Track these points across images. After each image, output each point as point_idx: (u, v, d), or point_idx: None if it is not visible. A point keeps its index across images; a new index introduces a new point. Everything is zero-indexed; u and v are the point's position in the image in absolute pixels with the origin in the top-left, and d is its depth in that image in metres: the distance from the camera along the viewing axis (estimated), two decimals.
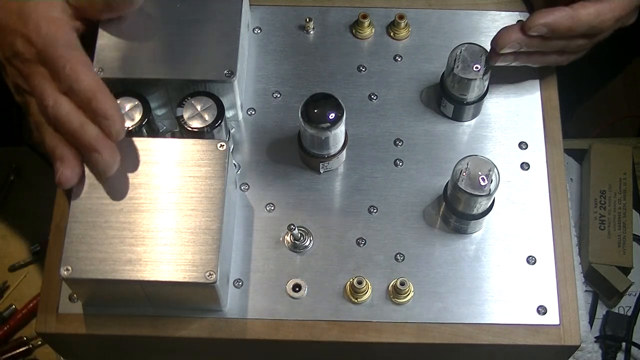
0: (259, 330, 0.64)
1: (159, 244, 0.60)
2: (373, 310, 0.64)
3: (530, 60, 0.70)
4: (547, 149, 0.70)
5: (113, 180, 0.62)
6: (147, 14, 0.68)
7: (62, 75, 0.60)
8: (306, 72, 0.73)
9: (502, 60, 0.68)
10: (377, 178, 0.69)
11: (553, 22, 0.66)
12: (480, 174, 0.63)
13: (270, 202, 0.68)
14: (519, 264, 0.66)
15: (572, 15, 0.66)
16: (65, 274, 0.59)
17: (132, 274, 0.59)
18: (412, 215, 0.67)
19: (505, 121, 0.71)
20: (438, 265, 0.66)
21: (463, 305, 0.64)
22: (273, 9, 0.76)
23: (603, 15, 0.66)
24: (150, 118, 0.66)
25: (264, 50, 0.74)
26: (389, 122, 0.71)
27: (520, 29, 0.66)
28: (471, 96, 0.69)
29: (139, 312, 0.64)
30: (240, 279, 0.65)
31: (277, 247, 0.66)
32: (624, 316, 0.93)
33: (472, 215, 0.65)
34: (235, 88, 0.67)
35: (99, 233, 0.60)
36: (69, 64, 0.60)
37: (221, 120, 0.65)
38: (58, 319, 0.64)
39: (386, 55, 0.74)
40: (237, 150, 0.70)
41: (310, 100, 0.64)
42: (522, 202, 0.68)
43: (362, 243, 0.66)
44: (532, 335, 0.64)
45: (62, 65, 0.60)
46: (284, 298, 0.65)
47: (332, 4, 0.76)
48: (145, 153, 0.63)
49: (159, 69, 0.66)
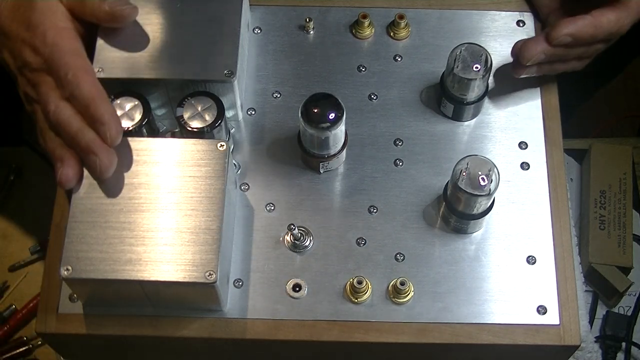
0: (259, 330, 0.64)
1: (159, 244, 0.60)
2: (373, 310, 0.64)
3: (552, 69, 0.71)
4: (547, 149, 0.70)
5: (113, 180, 0.62)
6: (147, 14, 0.68)
7: (64, 82, 0.62)
8: (306, 72, 0.73)
9: (527, 72, 0.69)
10: (377, 178, 0.69)
11: (577, 32, 0.67)
12: (480, 174, 0.63)
13: (270, 202, 0.68)
14: (519, 264, 0.66)
15: (595, 24, 0.67)
16: (65, 274, 0.59)
17: (132, 273, 0.59)
18: (412, 215, 0.67)
19: (505, 121, 0.71)
20: (438, 265, 0.66)
21: (463, 305, 0.64)
22: (273, 9, 0.76)
23: (622, 20, 0.68)
24: (150, 118, 0.66)
25: (264, 50, 0.74)
26: (389, 122, 0.71)
27: (544, 40, 0.67)
28: (471, 96, 0.69)
29: (139, 312, 0.64)
30: (240, 279, 0.65)
31: (277, 247, 0.66)
32: (624, 316, 0.93)
33: (472, 215, 0.65)
34: (235, 88, 0.67)
35: (99, 233, 0.60)
36: (71, 70, 0.62)
37: (221, 120, 0.65)
38: (58, 319, 0.64)
39: (386, 55, 0.74)
40: (237, 150, 0.70)
41: (310, 100, 0.64)
42: (522, 202, 0.68)
43: (362, 243, 0.66)
44: (532, 335, 0.64)
45: (65, 72, 0.62)
46: (284, 298, 0.65)
47: (332, 4, 0.76)
48: (145, 153, 0.63)
49: (159, 69, 0.66)
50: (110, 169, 0.60)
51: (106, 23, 0.66)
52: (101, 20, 0.66)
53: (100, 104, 0.61)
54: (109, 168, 0.60)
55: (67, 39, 0.64)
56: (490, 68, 0.67)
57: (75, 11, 0.66)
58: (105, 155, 0.60)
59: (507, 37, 0.74)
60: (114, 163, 0.61)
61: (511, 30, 0.74)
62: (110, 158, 0.61)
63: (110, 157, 0.61)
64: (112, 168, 0.61)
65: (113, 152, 0.61)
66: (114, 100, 0.65)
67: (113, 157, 0.61)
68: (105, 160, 0.60)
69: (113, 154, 0.61)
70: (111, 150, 0.61)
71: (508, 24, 0.75)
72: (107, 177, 0.61)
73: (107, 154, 0.60)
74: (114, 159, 0.61)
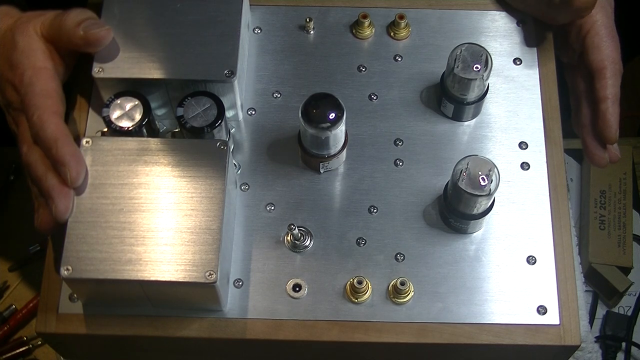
0: (259, 330, 0.64)
1: (159, 244, 0.60)
2: (373, 310, 0.64)
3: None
4: (547, 149, 0.70)
5: (113, 180, 0.62)
6: (147, 14, 0.68)
7: (30, 123, 0.63)
8: (306, 72, 0.73)
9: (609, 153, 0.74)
10: (377, 178, 0.69)
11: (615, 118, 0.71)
12: (480, 174, 0.63)
13: (270, 202, 0.68)
14: (519, 264, 0.66)
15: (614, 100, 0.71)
16: (66, 274, 0.59)
17: (133, 273, 0.59)
18: (412, 215, 0.67)
19: (505, 121, 0.71)
20: (438, 265, 0.66)
21: (463, 305, 0.64)
22: (273, 9, 0.75)
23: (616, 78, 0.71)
24: (150, 118, 0.66)
25: (264, 50, 0.74)
26: (389, 122, 0.71)
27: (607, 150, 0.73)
28: (471, 96, 0.69)
29: (139, 312, 0.64)
30: (240, 279, 0.65)
31: (277, 247, 0.66)
32: (624, 316, 0.93)
33: (472, 215, 0.65)
34: (235, 88, 0.67)
35: (99, 233, 0.60)
36: (37, 111, 0.63)
37: (221, 120, 0.65)
38: (58, 319, 0.64)
39: (386, 55, 0.74)
40: (237, 150, 0.70)
41: (310, 100, 0.64)
42: (522, 202, 0.68)
43: (362, 243, 0.66)
44: (532, 335, 0.64)
45: (32, 114, 0.63)
46: (284, 298, 0.65)
47: (332, 4, 0.76)
48: (145, 153, 0.63)
49: (159, 69, 0.66)
50: (65, 214, 0.61)
51: (83, 48, 0.66)
52: (78, 45, 0.66)
53: (62, 146, 0.62)
54: (64, 214, 0.61)
55: (43, 79, 0.65)
56: (491, 68, 0.67)
57: (54, 41, 0.67)
58: (61, 202, 0.61)
59: (507, 37, 0.74)
60: (69, 209, 0.61)
61: (511, 30, 0.74)
62: (66, 204, 0.61)
63: (66, 203, 0.61)
64: (67, 214, 0.61)
65: (70, 199, 0.61)
66: (114, 100, 0.65)
67: (68, 204, 0.61)
68: (61, 207, 0.61)
69: (70, 201, 0.61)
70: (69, 197, 0.61)
71: (508, 24, 0.75)
72: (62, 221, 0.61)
73: (63, 201, 0.61)
74: (69, 205, 0.61)
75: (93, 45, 0.66)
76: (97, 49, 0.66)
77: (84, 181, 0.62)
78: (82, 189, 0.62)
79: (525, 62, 0.73)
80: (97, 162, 0.63)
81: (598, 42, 0.70)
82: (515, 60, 0.73)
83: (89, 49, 0.66)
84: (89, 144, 0.64)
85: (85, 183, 0.62)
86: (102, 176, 0.62)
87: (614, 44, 0.71)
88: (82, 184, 0.62)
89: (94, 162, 0.63)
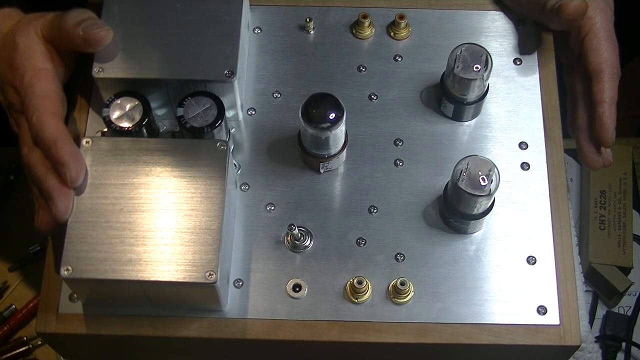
0: (259, 330, 0.64)
1: (159, 244, 0.60)
2: (373, 310, 0.64)
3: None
4: (547, 149, 0.70)
5: (113, 180, 0.62)
6: (147, 14, 0.68)
7: (30, 125, 0.64)
8: (306, 72, 0.73)
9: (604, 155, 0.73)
10: (377, 178, 0.69)
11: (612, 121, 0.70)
12: (481, 174, 0.63)
13: (270, 202, 0.68)
14: (519, 264, 0.66)
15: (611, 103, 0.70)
16: (66, 274, 0.59)
17: (132, 274, 0.59)
18: (412, 215, 0.67)
19: (505, 121, 0.71)
20: (438, 265, 0.66)
21: (463, 305, 0.64)
22: (273, 9, 0.75)
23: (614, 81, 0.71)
24: (150, 118, 0.66)
25: (264, 50, 0.74)
26: (389, 122, 0.71)
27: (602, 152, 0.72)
28: (471, 96, 0.69)
29: (139, 312, 0.64)
30: (240, 279, 0.65)
31: (277, 247, 0.66)
32: (624, 316, 0.93)
33: (472, 215, 0.65)
34: (235, 88, 0.67)
35: (99, 233, 0.60)
36: (37, 113, 0.63)
37: (221, 120, 0.65)
38: (58, 319, 0.64)
39: (386, 55, 0.74)
40: (237, 150, 0.70)
41: (310, 100, 0.64)
42: (522, 202, 0.68)
43: (362, 243, 0.66)
44: (532, 335, 0.64)
45: (31, 115, 0.63)
46: (284, 298, 0.65)
47: (332, 4, 0.76)
48: (145, 153, 0.63)
49: (159, 69, 0.66)
50: (65, 215, 0.61)
51: (83, 49, 0.66)
52: (78, 46, 0.66)
53: (62, 146, 0.62)
54: (64, 215, 0.61)
55: (43, 80, 0.65)
56: (491, 68, 0.67)
57: (54, 41, 0.67)
58: (61, 202, 0.61)
59: (507, 37, 0.74)
60: (69, 209, 0.61)
61: (511, 31, 0.75)
62: (66, 204, 0.61)
63: (66, 203, 0.61)
64: (67, 214, 0.61)
65: (71, 199, 0.61)
66: (114, 100, 0.65)
67: (68, 204, 0.61)
68: (61, 207, 0.61)
69: (70, 201, 0.61)
70: (69, 197, 0.61)
71: (508, 24, 0.75)
72: (62, 221, 0.61)
73: (63, 201, 0.61)
74: (69, 206, 0.61)
75: (93, 45, 0.66)
76: (97, 49, 0.66)
77: (83, 181, 0.62)
78: (82, 189, 0.62)
79: (525, 62, 0.73)
80: (97, 162, 0.63)
81: (596, 45, 0.70)
82: (515, 60, 0.73)
83: (89, 49, 0.66)
84: (89, 144, 0.64)
85: (85, 183, 0.62)
86: (102, 176, 0.62)
87: (612, 47, 0.71)
88: (82, 184, 0.62)
89: (94, 162, 0.63)
